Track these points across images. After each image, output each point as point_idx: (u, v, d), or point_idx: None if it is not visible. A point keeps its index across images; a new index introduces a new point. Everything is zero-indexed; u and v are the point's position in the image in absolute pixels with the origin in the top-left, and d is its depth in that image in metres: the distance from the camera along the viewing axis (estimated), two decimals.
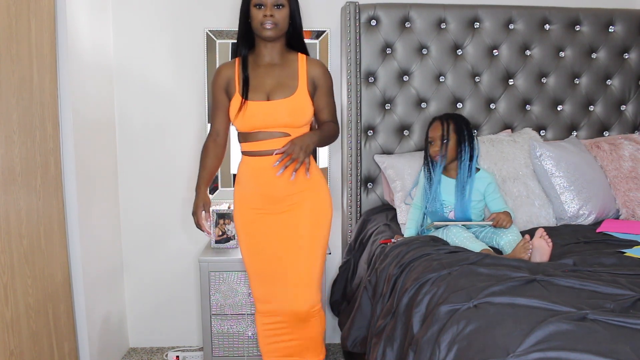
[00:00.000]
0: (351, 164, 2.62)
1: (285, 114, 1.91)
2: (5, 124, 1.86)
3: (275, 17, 1.88)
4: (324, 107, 2.00)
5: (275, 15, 1.88)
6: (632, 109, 2.76)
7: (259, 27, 1.89)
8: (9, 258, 1.87)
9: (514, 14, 2.64)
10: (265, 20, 1.87)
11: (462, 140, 2.09)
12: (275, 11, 1.88)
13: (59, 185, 2.23)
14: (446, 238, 2.02)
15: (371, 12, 2.59)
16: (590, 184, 2.35)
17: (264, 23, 1.87)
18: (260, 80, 1.94)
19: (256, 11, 1.89)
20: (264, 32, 1.89)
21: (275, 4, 1.88)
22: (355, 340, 2.08)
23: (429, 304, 1.54)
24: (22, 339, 1.94)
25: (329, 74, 2.02)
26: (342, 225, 2.76)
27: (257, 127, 1.93)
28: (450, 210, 2.13)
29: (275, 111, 1.90)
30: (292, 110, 1.91)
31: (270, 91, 1.93)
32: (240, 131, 1.99)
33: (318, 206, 2.01)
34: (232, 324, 2.54)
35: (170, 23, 2.71)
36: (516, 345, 1.18)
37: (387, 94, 2.64)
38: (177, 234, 2.84)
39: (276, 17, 1.88)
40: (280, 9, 1.89)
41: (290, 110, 1.91)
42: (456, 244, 1.99)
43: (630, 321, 1.23)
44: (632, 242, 2.00)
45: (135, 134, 2.76)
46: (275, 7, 1.88)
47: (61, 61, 2.23)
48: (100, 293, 2.55)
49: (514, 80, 2.69)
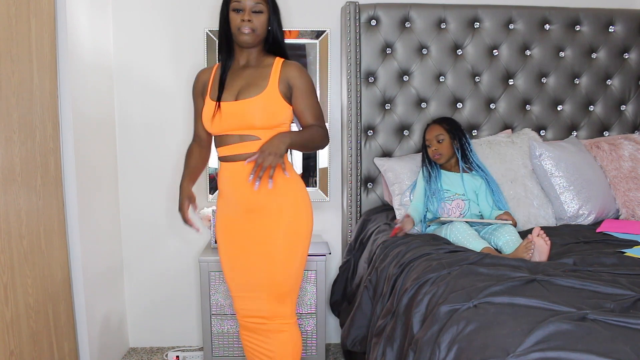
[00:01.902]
0: (351, 164, 2.62)
1: (253, 113, 1.81)
2: (5, 124, 1.86)
3: (253, 22, 1.83)
4: (304, 109, 1.88)
5: (254, 20, 1.83)
6: (632, 109, 2.76)
7: (237, 32, 1.85)
8: (9, 258, 1.87)
9: (514, 14, 2.64)
10: (242, 25, 1.83)
11: (454, 138, 2.28)
12: (254, 16, 1.83)
13: (59, 185, 2.23)
14: (449, 233, 2.04)
15: (371, 12, 2.59)
16: (590, 184, 2.35)
17: (241, 28, 1.83)
18: (231, 82, 1.89)
19: (234, 15, 1.84)
20: (241, 37, 1.85)
21: (253, 9, 1.83)
22: (355, 340, 2.09)
23: (429, 303, 1.54)
24: (22, 339, 1.94)
25: (305, 74, 1.90)
26: (342, 225, 2.76)
27: (228, 129, 1.85)
28: (454, 200, 2.18)
29: (243, 111, 1.82)
30: (260, 110, 1.81)
31: (239, 91, 1.86)
32: (214, 134, 1.93)
33: (295, 216, 1.89)
34: (232, 324, 2.54)
35: (170, 23, 2.71)
36: (516, 345, 1.18)
37: (387, 94, 2.64)
38: (177, 234, 2.84)
39: (254, 22, 1.83)
40: (258, 15, 1.84)
41: (259, 109, 1.81)
42: (459, 239, 2.00)
43: (630, 321, 1.23)
44: (632, 242, 2.00)
45: (135, 133, 2.76)
46: (254, 13, 1.84)
47: (61, 61, 2.23)
48: (100, 293, 2.56)
49: (514, 80, 2.69)
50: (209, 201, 2.78)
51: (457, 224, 2.04)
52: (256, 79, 1.87)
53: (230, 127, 1.84)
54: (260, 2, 1.83)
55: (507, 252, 1.94)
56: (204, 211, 2.68)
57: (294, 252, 1.89)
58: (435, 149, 2.26)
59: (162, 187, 2.80)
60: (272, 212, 1.85)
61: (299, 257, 1.90)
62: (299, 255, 1.90)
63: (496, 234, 2.03)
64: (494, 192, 2.23)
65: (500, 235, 2.01)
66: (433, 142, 2.27)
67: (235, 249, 1.93)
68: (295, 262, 1.89)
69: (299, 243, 1.89)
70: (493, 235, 2.04)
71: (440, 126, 2.29)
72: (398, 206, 2.36)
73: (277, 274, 1.87)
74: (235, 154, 1.85)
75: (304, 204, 1.91)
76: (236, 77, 1.90)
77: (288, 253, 1.88)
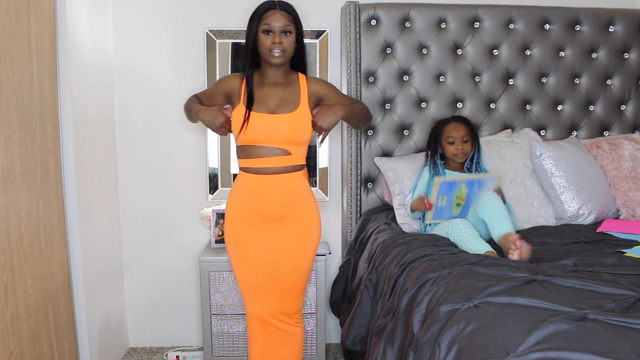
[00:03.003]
0: (351, 164, 2.62)
1: (287, 128, 1.92)
2: (5, 124, 1.86)
3: (283, 44, 1.90)
4: (340, 99, 2.05)
5: (284, 42, 1.90)
6: (632, 109, 2.76)
7: (267, 53, 1.91)
8: (9, 258, 1.87)
9: (514, 13, 2.64)
10: (274, 47, 1.89)
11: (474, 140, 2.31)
12: (284, 38, 1.91)
13: (59, 185, 2.23)
14: (450, 232, 2.04)
15: (371, 12, 2.59)
16: (590, 184, 2.35)
17: (272, 50, 1.90)
18: (265, 97, 1.96)
19: (265, 37, 1.91)
20: (272, 60, 1.92)
21: (283, 30, 1.90)
22: (355, 339, 2.09)
23: (429, 303, 1.54)
24: (22, 339, 1.94)
25: (328, 82, 2.10)
26: (342, 225, 2.76)
27: (259, 140, 1.92)
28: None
29: (277, 125, 1.92)
30: (294, 126, 1.93)
31: (274, 106, 1.95)
32: (242, 144, 1.98)
33: (307, 227, 2.04)
34: (232, 324, 2.54)
35: (170, 23, 2.71)
36: (516, 345, 1.18)
37: (387, 94, 2.64)
38: (177, 234, 2.84)
39: (284, 44, 1.90)
40: (288, 36, 1.92)
41: (293, 125, 1.93)
42: (460, 239, 1.99)
43: (630, 321, 1.23)
44: (632, 242, 2.00)
45: (136, 133, 2.76)
46: (284, 34, 1.91)
47: (61, 61, 2.23)
48: (100, 293, 2.56)
49: (514, 80, 2.69)
50: (209, 201, 2.78)
51: (458, 223, 2.03)
52: (288, 95, 1.97)
53: (262, 138, 1.92)
54: (290, 23, 1.92)
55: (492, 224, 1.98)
56: (204, 211, 2.68)
57: (313, 253, 2.08)
58: (461, 148, 2.26)
59: (162, 187, 2.80)
60: (299, 218, 2.01)
61: (308, 264, 2.08)
62: (314, 255, 2.09)
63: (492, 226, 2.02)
64: None
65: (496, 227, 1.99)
66: (458, 140, 2.26)
67: (267, 255, 2.01)
68: (311, 262, 2.08)
69: (315, 244, 2.08)
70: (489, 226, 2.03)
71: (466, 127, 2.29)
72: (398, 206, 2.36)
73: (302, 275, 2.06)
74: (261, 167, 1.94)
75: (317, 207, 2.08)
76: (269, 92, 1.97)
77: (310, 254, 2.06)
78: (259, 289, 2.03)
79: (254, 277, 2.02)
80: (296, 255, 2.03)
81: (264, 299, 2.04)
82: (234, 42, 2.69)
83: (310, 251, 2.06)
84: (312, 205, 2.05)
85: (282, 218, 1.98)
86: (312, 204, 2.05)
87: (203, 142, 2.77)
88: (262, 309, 2.05)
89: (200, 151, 2.78)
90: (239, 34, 2.68)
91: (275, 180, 1.95)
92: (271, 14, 1.90)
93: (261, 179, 1.95)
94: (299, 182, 1.99)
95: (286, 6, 1.94)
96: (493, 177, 2.15)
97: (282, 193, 1.96)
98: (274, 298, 2.04)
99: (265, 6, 1.92)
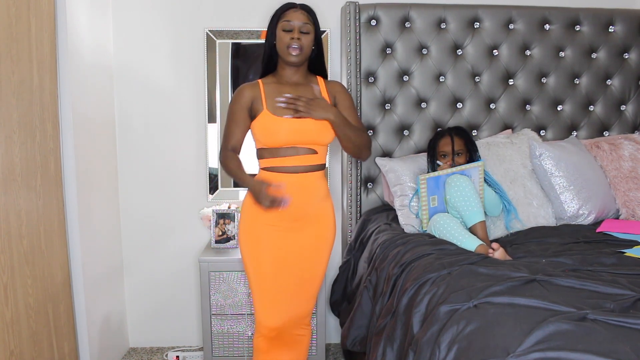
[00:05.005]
0: (351, 164, 2.62)
1: (313, 130, 1.94)
2: (5, 124, 1.86)
3: (301, 40, 1.93)
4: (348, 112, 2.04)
5: (302, 39, 1.94)
6: (632, 109, 2.76)
7: (285, 50, 1.94)
8: (9, 258, 1.87)
9: (514, 14, 2.64)
10: (292, 42, 1.92)
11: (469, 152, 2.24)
12: (302, 36, 1.94)
13: (59, 185, 2.23)
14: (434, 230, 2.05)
15: (371, 12, 2.59)
16: (590, 184, 2.35)
17: (290, 46, 1.93)
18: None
19: (284, 34, 1.94)
20: (289, 57, 1.94)
21: (301, 29, 1.94)
22: (355, 339, 2.09)
23: (429, 303, 1.54)
24: (22, 339, 1.94)
25: (347, 91, 2.11)
26: (342, 225, 2.77)
27: (285, 143, 1.95)
28: None
29: (304, 128, 1.93)
30: (320, 128, 1.95)
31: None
32: (266, 147, 1.98)
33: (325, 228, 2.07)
34: (232, 324, 2.54)
35: (170, 23, 2.71)
36: (516, 345, 1.18)
37: (387, 94, 2.65)
38: (177, 234, 2.84)
39: (302, 41, 1.94)
40: (306, 35, 1.95)
41: (319, 127, 1.95)
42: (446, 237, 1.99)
43: (630, 321, 1.23)
44: (632, 242, 2.00)
45: (135, 133, 2.76)
46: (302, 33, 1.94)
47: (61, 61, 2.23)
48: (100, 293, 2.56)
49: (514, 80, 2.69)
50: (209, 201, 2.78)
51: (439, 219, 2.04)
52: (310, 95, 1.99)
53: (288, 141, 1.94)
54: (308, 22, 1.96)
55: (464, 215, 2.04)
56: (204, 211, 2.68)
57: (328, 254, 2.11)
58: (451, 163, 2.19)
59: (162, 187, 2.80)
60: (319, 218, 2.04)
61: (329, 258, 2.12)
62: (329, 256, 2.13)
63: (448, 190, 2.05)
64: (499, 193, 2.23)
65: (452, 191, 2.03)
66: (449, 156, 2.20)
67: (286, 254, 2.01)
68: (326, 263, 2.12)
69: (331, 245, 2.12)
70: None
71: (460, 139, 2.22)
72: (399, 207, 2.36)
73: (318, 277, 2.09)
74: (286, 166, 1.96)
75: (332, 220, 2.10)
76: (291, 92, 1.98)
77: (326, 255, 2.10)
78: (273, 290, 2.01)
79: (270, 278, 2.00)
80: (314, 256, 2.05)
81: (277, 303, 2.02)
82: (234, 42, 2.70)
83: (326, 252, 2.09)
84: (330, 207, 2.09)
85: (302, 218, 1.99)
86: (330, 205, 2.09)
87: (203, 142, 2.77)
88: (274, 316, 2.02)
89: (200, 151, 2.78)
90: (239, 34, 2.69)
91: (301, 179, 1.96)
92: (292, 11, 1.95)
93: (285, 177, 1.95)
94: (321, 181, 2.03)
95: (306, 7, 1.99)
96: (476, 167, 2.14)
97: (306, 192, 1.98)
98: (288, 301, 2.03)
99: (286, 6, 1.98)
